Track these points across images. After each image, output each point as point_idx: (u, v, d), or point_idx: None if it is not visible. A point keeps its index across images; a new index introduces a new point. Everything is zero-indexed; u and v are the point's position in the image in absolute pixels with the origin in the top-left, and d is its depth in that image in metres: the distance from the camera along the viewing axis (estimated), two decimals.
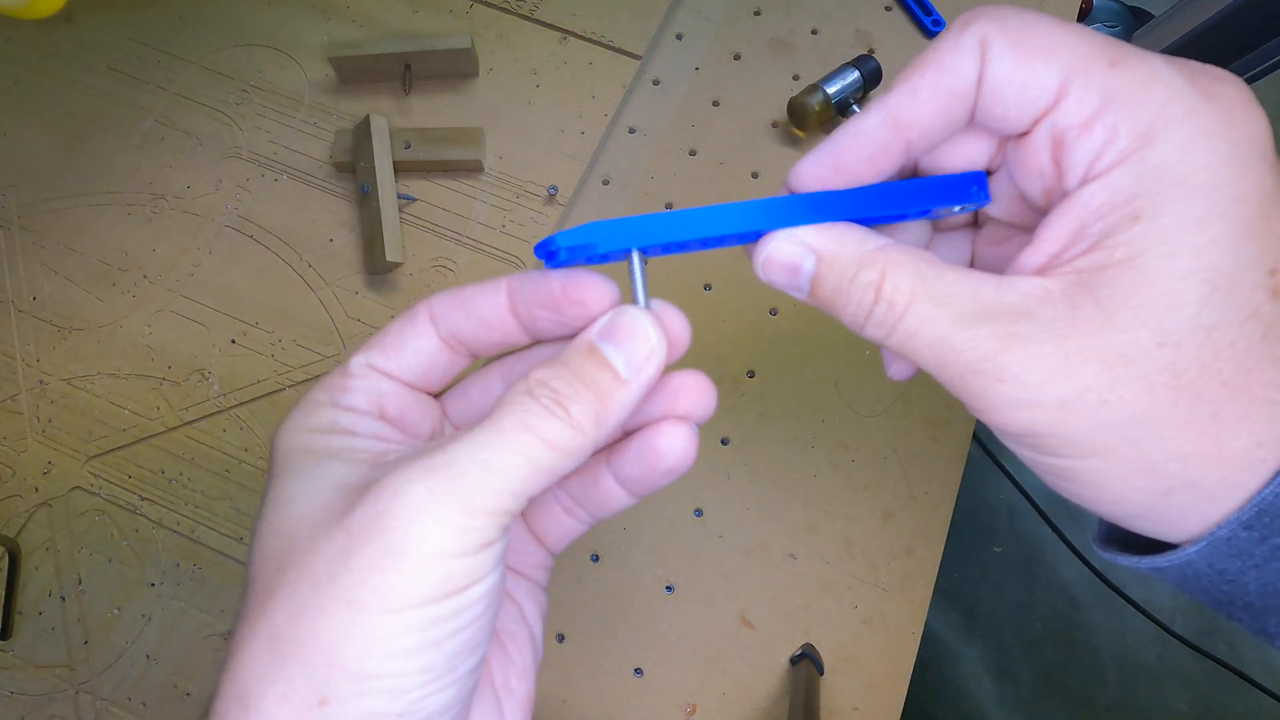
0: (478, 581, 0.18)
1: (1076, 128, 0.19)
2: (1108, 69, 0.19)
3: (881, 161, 0.22)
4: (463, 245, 0.54)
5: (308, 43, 0.59)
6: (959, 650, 1.19)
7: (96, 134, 0.56)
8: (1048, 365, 0.19)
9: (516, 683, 0.23)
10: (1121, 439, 0.19)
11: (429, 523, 0.17)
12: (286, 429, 0.22)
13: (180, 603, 0.46)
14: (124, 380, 0.50)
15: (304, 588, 0.18)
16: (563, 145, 0.56)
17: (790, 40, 0.60)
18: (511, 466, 0.18)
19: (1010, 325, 0.19)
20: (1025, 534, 1.25)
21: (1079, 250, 0.19)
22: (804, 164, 0.22)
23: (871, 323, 0.21)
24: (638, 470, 0.22)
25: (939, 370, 0.21)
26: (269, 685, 0.17)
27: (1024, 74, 0.19)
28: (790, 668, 0.45)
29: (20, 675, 0.44)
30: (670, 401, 0.22)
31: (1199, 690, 1.17)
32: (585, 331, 0.21)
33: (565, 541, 0.26)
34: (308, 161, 0.56)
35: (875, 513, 0.48)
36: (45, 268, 0.53)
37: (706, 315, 0.52)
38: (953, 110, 0.21)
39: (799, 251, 0.21)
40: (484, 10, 0.60)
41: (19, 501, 0.48)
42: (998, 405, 0.20)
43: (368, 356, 0.23)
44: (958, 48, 0.20)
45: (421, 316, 0.23)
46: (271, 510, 0.20)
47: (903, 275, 0.20)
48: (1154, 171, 0.18)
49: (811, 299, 0.22)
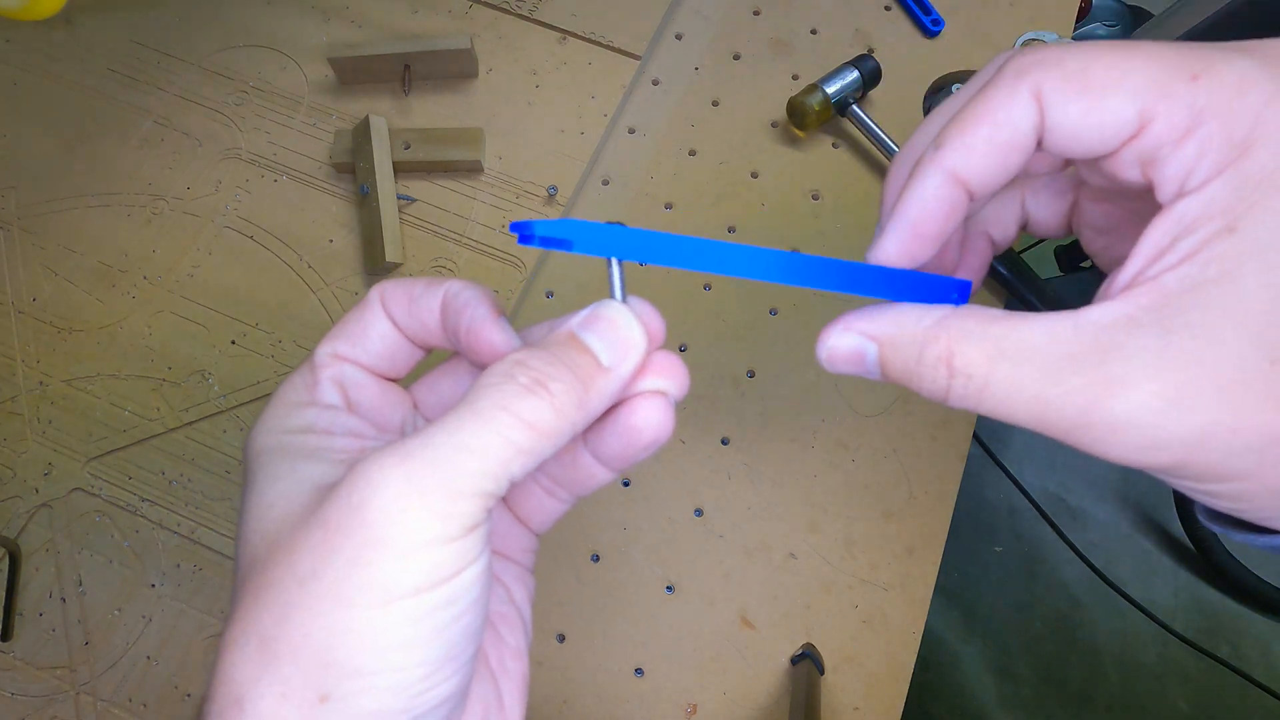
0: (468, 566, 0.18)
1: (1168, 145, 0.18)
2: (1190, 84, 0.18)
3: (957, 215, 0.21)
4: (463, 245, 0.54)
5: (307, 43, 0.59)
6: (959, 649, 1.19)
7: (96, 135, 0.56)
8: (1158, 405, 0.17)
9: (512, 664, 0.23)
10: (1261, 463, 0.18)
11: (409, 510, 0.17)
12: (260, 431, 0.22)
13: (181, 604, 0.46)
14: (124, 381, 0.50)
15: (289, 587, 0.17)
16: (562, 145, 0.56)
17: (789, 40, 0.60)
18: (490, 448, 0.18)
19: (1103, 369, 0.18)
20: (1026, 533, 1.25)
21: (1166, 265, 0.18)
22: (885, 243, 0.21)
23: (954, 397, 0.20)
24: (617, 448, 0.22)
25: (1044, 429, 0.19)
26: (265, 686, 0.17)
27: (1097, 115, 0.18)
28: (791, 667, 0.45)
29: (21, 676, 0.44)
30: (642, 378, 0.22)
31: (1200, 689, 1.17)
32: (566, 322, 0.21)
33: (548, 522, 0.25)
34: (307, 162, 0.56)
35: (876, 512, 0.48)
36: (45, 269, 0.53)
37: (706, 315, 0.52)
38: (1011, 161, 0.20)
39: (858, 342, 0.21)
40: (483, 10, 0.60)
41: (19, 503, 0.48)
42: (1122, 454, 0.18)
43: (333, 346, 0.23)
44: (1011, 102, 0.19)
45: (375, 303, 0.23)
46: (253, 515, 0.19)
47: (971, 344, 0.19)
48: (1252, 181, 0.17)
49: (888, 381, 0.22)
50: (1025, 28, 0.61)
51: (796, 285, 0.22)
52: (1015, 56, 0.20)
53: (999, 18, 0.61)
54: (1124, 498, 1.28)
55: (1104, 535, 1.26)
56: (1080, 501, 1.28)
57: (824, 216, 0.56)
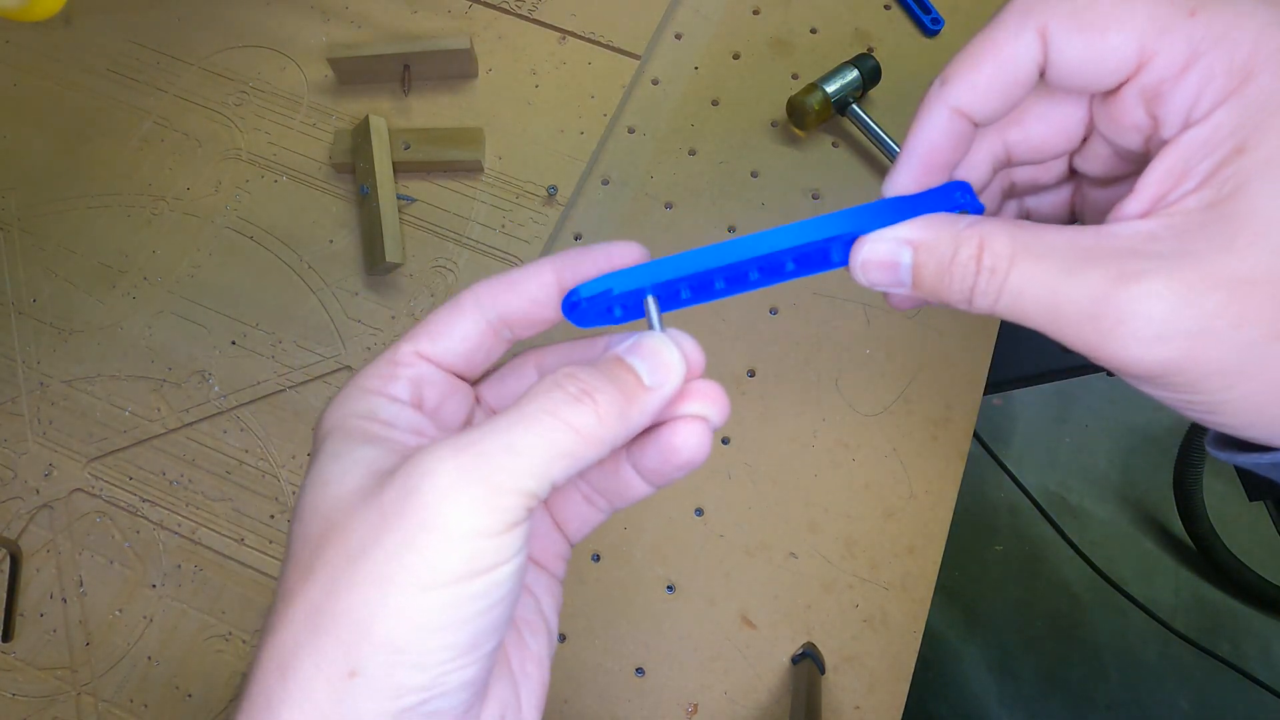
0: (505, 562, 0.19)
1: (1169, 79, 0.19)
2: (1188, 19, 0.19)
3: (963, 146, 0.23)
4: (463, 246, 0.54)
5: (307, 44, 0.59)
6: (960, 648, 1.19)
7: (96, 136, 0.56)
8: (1169, 298, 0.18)
9: (533, 669, 0.24)
10: (1265, 356, 0.18)
11: (458, 501, 0.18)
12: (331, 410, 0.23)
13: (181, 604, 0.46)
14: (124, 382, 0.50)
15: (339, 563, 0.18)
16: (562, 145, 0.56)
17: (789, 39, 0.60)
18: (535, 449, 0.19)
19: (1119, 265, 0.19)
20: (1026, 532, 1.25)
21: (1184, 190, 0.19)
22: (898, 176, 0.23)
23: (978, 293, 0.21)
24: (655, 462, 0.23)
25: (1055, 325, 0.20)
26: (305, 655, 0.18)
27: (1098, 50, 0.20)
28: (792, 667, 0.45)
29: (22, 677, 0.44)
30: (685, 402, 0.24)
31: (1201, 688, 1.17)
32: (612, 348, 0.22)
33: (584, 531, 0.26)
34: (307, 163, 0.56)
35: (876, 511, 0.48)
36: (45, 270, 0.53)
37: (707, 315, 0.52)
38: (1013, 95, 0.21)
39: (894, 248, 0.22)
40: (483, 10, 0.60)
41: (20, 503, 0.48)
42: (1124, 348, 0.19)
43: (415, 344, 0.24)
44: (1017, 39, 0.20)
45: (467, 302, 0.24)
46: (311, 490, 0.21)
47: (1000, 240, 0.20)
48: (1256, 104, 0.18)
49: (916, 290, 0.23)
50: None
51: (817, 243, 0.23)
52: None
53: None
54: (1125, 497, 1.28)
55: (1105, 534, 1.26)
56: (1081, 500, 1.28)
57: None
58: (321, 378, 0.51)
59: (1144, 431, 1.29)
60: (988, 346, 0.52)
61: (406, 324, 0.52)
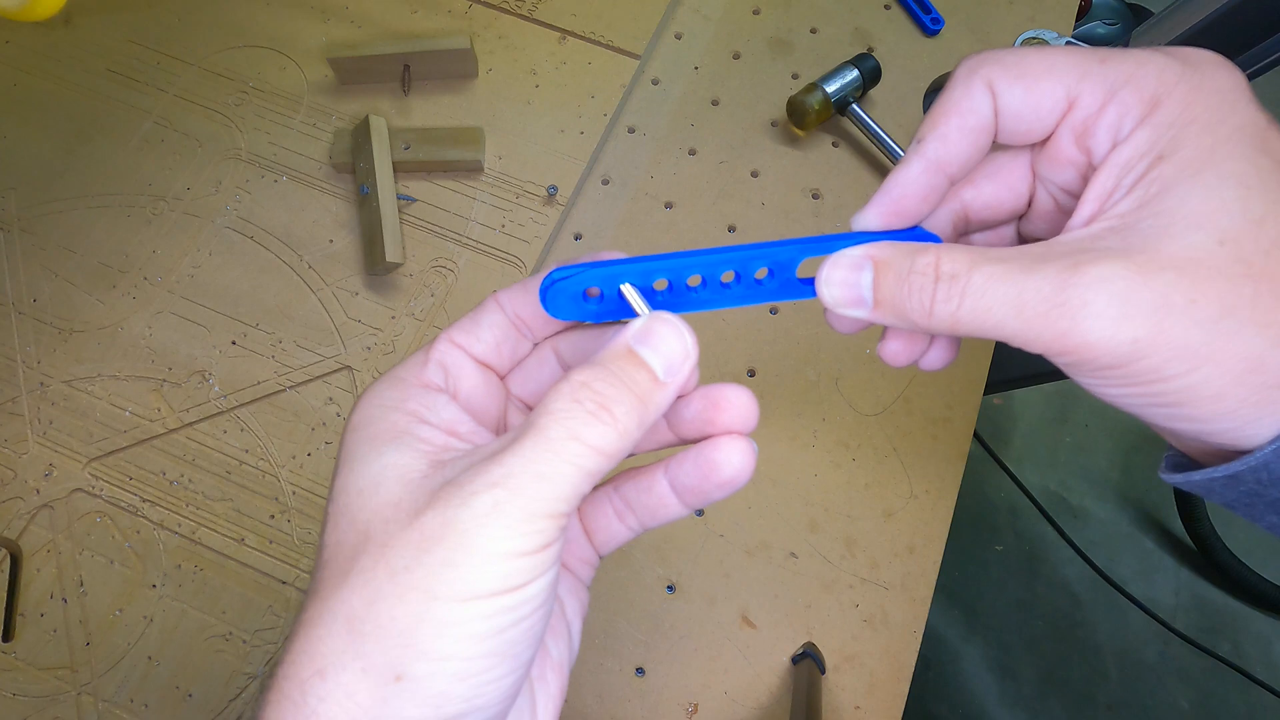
0: (539, 577, 0.20)
1: (1094, 114, 0.22)
2: (1101, 65, 0.22)
3: (933, 199, 0.25)
4: (463, 245, 0.54)
5: (307, 44, 0.59)
6: (960, 648, 1.19)
7: (96, 136, 0.56)
8: (1126, 276, 0.20)
9: (551, 676, 0.24)
10: (1221, 334, 0.20)
11: (495, 528, 0.19)
12: (366, 399, 0.24)
13: (182, 604, 0.46)
14: (125, 382, 0.50)
15: (380, 576, 0.19)
16: (562, 145, 0.56)
17: (789, 39, 0.60)
18: (563, 475, 0.20)
19: (1073, 258, 0.21)
20: (1026, 532, 1.25)
21: (1118, 198, 0.22)
22: (867, 213, 0.25)
23: (938, 301, 0.22)
24: (694, 479, 0.24)
25: (1020, 320, 0.21)
26: (349, 660, 0.19)
27: (1035, 96, 0.23)
28: (792, 666, 0.45)
29: (22, 677, 0.44)
30: (720, 415, 0.24)
31: (1201, 688, 1.17)
32: (621, 335, 0.23)
33: (612, 544, 0.27)
34: (307, 162, 0.56)
35: (876, 511, 0.48)
36: (45, 270, 0.53)
37: (707, 314, 0.52)
38: (980, 141, 0.24)
39: (855, 261, 0.24)
40: (483, 10, 0.60)
41: (20, 504, 0.48)
42: (1091, 329, 0.20)
43: (449, 334, 0.25)
44: (970, 92, 0.24)
45: (490, 302, 0.26)
46: (343, 497, 0.22)
47: (957, 252, 0.22)
48: (1167, 122, 0.21)
49: (876, 308, 0.24)
50: (1025, 26, 0.61)
51: (785, 260, 0.25)
52: (966, 57, 0.24)
53: (999, 16, 0.61)
54: (1125, 496, 1.28)
55: (1105, 534, 1.26)
56: (1081, 500, 1.28)
57: (824, 215, 0.56)
58: (321, 378, 0.51)
59: (1144, 431, 1.29)
60: (988, 346, 0.52)
61: (406, 324, 0.52)
